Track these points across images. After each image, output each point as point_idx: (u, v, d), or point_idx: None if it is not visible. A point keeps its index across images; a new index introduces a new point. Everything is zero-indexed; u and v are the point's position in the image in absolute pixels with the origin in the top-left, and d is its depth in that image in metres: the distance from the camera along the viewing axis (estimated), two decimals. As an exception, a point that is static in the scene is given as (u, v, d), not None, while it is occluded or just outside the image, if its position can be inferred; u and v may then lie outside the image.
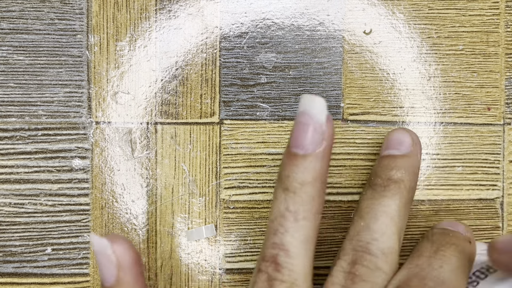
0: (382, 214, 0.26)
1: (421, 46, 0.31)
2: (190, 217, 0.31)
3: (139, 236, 0.31)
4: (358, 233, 0.26)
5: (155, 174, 0.31)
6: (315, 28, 0.31)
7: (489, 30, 0.31)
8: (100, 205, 0.31)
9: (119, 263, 0.24)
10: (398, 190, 0.27)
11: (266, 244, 0.25)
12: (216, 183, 0.31)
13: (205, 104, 0.31)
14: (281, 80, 0.31)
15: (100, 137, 0.31)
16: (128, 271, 0.24)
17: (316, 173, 0.25)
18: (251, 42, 0.31)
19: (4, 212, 0.31)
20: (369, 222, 0.26)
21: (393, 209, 0.26)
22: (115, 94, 0.31)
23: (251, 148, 0.31)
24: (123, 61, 0.31)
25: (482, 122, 0.31)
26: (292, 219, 0.25)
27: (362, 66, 0.31)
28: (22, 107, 0.31)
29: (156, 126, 0.31)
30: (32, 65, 0.31)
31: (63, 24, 0.31)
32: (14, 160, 0.31)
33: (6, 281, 0.31)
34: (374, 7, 0.31)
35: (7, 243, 0.31)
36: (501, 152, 0.31)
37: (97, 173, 0.31)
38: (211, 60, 0.31)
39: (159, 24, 0.31)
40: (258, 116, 0.31)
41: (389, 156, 0.28)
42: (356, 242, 0.26)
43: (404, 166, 0.27)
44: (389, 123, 0.31)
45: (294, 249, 0.25)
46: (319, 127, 0.24)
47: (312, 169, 0.24)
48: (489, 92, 0.31)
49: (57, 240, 0.31)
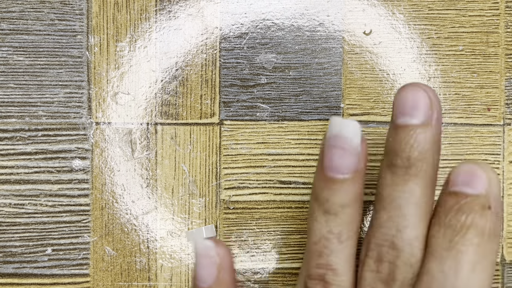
0: (406, 203, 0.24)
1: (421, 47, 0.31)
2: (190, 218, 0.31)
3: (139, 236, 0.31)
4: (382, 225, 0.25)
5: (155, 174, 0.31)
6: (315, 29, 0.31)
7: (489, 31, 0.31)
8: (100, 206, 0.31)
9: (220, 264, 0.25)
10: (421, 171, 0.24)
11: (310, 264, 0.26)
12: (216, 184, 0.31)
13: (205, 104, 0.31)
14: (281, 81, 0.31)
15: (100, 138, 0.31)
16: (228, 272, 0.25)
17: (355, 194, 0.25)
18: (251, 43, 0.31)
19: (4, 212, 0.31)
20: (392, 214, 0.24)
21: (417, 194, 0.24)
22: (115, 95, 0.31)
23: (251, 149, 0.31)
24: (123, 62, 0.31)
25: (482, 123, 0.31)
26: (336, 241, 0.25)
27: (362, 66, 0.31)
28: (22, 108, 0.31)
29: (156, 127, 0.31)
30: (32, 66, 0.31)
31: (63, 24, 0.31)
32: (14, 161, 0.31)
33: (6, 282, 0.31)
34: (374, 7, 0.31)
35: (7, 243, 0.31)
36: (501, 153, 0.31)
37: (97, 174, 0.31)
38: (211, 60, 0.31)
39: (159, 24, 0.31)
40: (258, 117, 0.31)
41: (406, 126, 0.24)
42: (380, 235, 0.25)
43: (426, 138, 0.24)
44: (389, 123, 0.31)
45: (341, 267, 0.25)
46: (354, 150, 0.24)
47: (351, 191, 0.25)
48: (489, 93, 0.31)
49: (57, 241, 0.31)
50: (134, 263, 0.31)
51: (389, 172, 0.25)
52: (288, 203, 0.31)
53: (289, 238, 0.31)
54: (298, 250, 0.31)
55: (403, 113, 0.24)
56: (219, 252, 0.25)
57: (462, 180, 0.24)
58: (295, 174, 0.31)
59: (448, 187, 0.24)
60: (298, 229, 0.31)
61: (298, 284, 0.27)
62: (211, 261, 0.25)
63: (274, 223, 0.31)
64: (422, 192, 0.24)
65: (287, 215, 0.31)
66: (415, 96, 0.24)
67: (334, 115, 0.29)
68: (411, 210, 0.24)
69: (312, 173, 0.31)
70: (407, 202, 0.24)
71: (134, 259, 0.31)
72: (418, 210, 0.24)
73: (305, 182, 0.31)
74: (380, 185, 0.25)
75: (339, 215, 0.25)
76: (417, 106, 0.24)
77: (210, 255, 0.25)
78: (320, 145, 0.27)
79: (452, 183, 0.24)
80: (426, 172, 0.24)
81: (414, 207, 0.24)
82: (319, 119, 0.31)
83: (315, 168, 0.31)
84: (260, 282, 0.31)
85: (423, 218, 0.24)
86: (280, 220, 0.31)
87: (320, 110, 0.31)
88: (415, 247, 0.24)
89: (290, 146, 0.31)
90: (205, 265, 0.25)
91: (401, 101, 0.24)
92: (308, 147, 0.31)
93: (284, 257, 0.31)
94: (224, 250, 0.25)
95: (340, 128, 0.24)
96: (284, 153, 0.31)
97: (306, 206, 0.31)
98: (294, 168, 0.31)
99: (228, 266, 0.25)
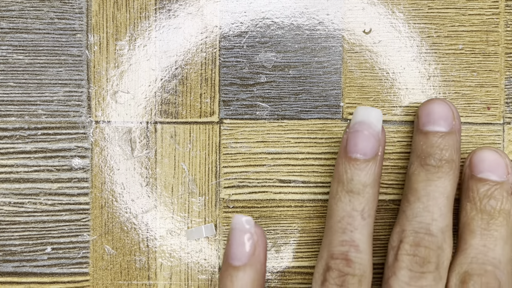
0: (440, 195, 0.28)
1: (420, 46, 0.31)
2: (190, 216, 0.31)
3: (138, 235, 0.31)
4: (417, 214, 0.28)
5: (155, 173, 0.31)
6: (315, 28, 0.31)
7: (489, 30, 0.31)
8: (100, 204, 0.31)
9: (257, 242, 0.27)
10: (451, 170, 0.28)
11: (332, 243, 0.28)
12: (215, 182, 0.31)
13: (204, 103, 0.31)
14: (280, 80, 0.31)
15: (99, 136, 0.31)
16: (263, 250, 0.27)
17: (375, 175, 0.28)
18: (251, 42, 0.31)
19: (3, 211, 0.31)
20: (428, 205, 0.28)
21: (449, 189, 0.28)
22: (114, 94, 0.31)
23: (250, 147, 0.31)
24: (122, 60, 0.31)
25: (482, 122, 0.31)
26: (359, 218, 0.28)
27: (361, 65, 0.31)
28: (21, 107, 0.31)
29: (156, 126, 0.31)
30: (31, 64, 0.31)
31: (63, 23, 0.31)
32: (13, 160, 0.31)
33: (6, 280, 0.31)
34: (374, 6, 0.31)
35: (6, 242, 0.31)
36: (500, 152, 0.31)
37: (97, 173, 0.31)
38: (211, 59, 0.31)
39: (158, 23, 0.31)
40: (257, 115, 0.31)
41: (437, 133, 0.28)
42: (416, 223, 0.28)
43: (453, 144, 0.28)
44: (388, 122, 0.31)
45: (363, 244, 0.28)
46: (376, 135, 0.28)
47: (373, 172, 0.28)
48: (489, 92, 0.31)
49: (57, 240, 0.31)
50: (134, 262, 0.31)
51: (423, 170, 0.28)
52: (288, 202, 0.31)
53: (288, 237, 0.31)
54: (298, 249, 0.31)
55: (433, 122, 0.29)
56: (256, 230, 0.27)
57: (488, 166, 0.29)
58: (294, 173, 0.31)
59: (473, 172, 0.29)
60: (298, 227, 0.31)
61: (318, 268, 0.28)
62: (248, 237, 0.26)
63: (273, 221, 0.31)
64: (452, 188, 0.28)
65: (286, 214, 0.31)
66: (441, 108, 0.29)
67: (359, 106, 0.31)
68: (444, 201, 0.28)
69: (311, 172, 0.31)
70: (440, 195, 0.28)
71: (133, 258, 0.31)
72: (449, 202, 0.28)
73: (304, 181, 0.31)
74: (415, 181, 0.28)
75: (361, 193, 0.28)
76: (445, 117, 0.29)
77: (248, 231, 0.26)
78: (343, 133, 0.29)
79: (477, 169, 0.29)
80: (454, 172, 0.28)
81: (446, 199, 0.28)
82: (319, 118, 0.31)
83: (315, 167, 0.31)
84: (259, 281, 0.31)
85: (451, 209, 0.28)
86: (279, 218, 0.31)
87: (320, 109, 0.31)
88: (446, 234, 0.28)
89: (290, 144, 0.31)
90: (241, 242, 0.26)
91: (430, 112, 0.29)
92: (308, 146, 0.31)
93: (284, 255, 0.31)
94: (260, 229, 0.27)
95: (364, 115, 0.28)
96: (284, 151, 0.31)
97: (306, 205, 0.31)
98: (294, 167, 0.31)
99: (264, 246, 0.27)
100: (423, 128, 0.29)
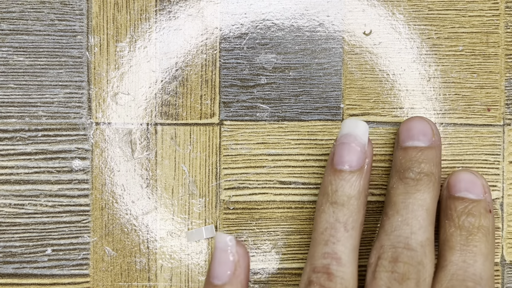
0: (419, 208, 0.27)
1: (421, 47, 0.31)
2: (190, 218, 0.31)
3: (138, 236, 0.31)
4: (396, 228, 0.27)
5: (155, 175, 0.31)
6: (315, 29, 0.31)
7: (489, 31, 0.31)
8: (100, 206, 0.31)
9: (238, 262, 0.26)
10: (430, 182, 0.28)
11: (315, 255, 0.27)
12: (216, 184, 0.31)
13: (205, 105, 0.31)
14: (281, 81, 0.31)
15: (100, 138, 0.31)
16: (244, 273, 0.26)
17: (361, 187, 0.28)
18: (251, 43, 0.31)
19: (4, 213, 0.31)
20: (406, 217, 0.27)
21: (428, 202, 0.28)
22: (115, 95, 0.31)
23: (251, 149, 0.31)
24: (123, 62, 0.31)
25: (482, 123, 0.31)
26: (342, 230, 0.27)
27: (362, 67, 0.31)
28: (22, 108, 0.31)
29: (156, 127, 0.31)
30: (32, 66, 0.31)
31: (63, 25, 0.31)
32: (14, 161, 0.31)
33: (6, 282, 0.31)
34: (374, 8, 0.31)
35: (7, 244, 0.31)
36: (501, 153, 0.31)
37: (97, 174, 0.31)
38: (211, 61, 0.31)
39: (159, 25, 0.31)
40: (258, 117, 0.31)
41: (416, 148, 0.29)
42: (394, 238, 0.27)
43: (432, 158, 0.28)
44: (389, 124, 0.31)
45: (346, 257, 0.27)
46: (363, 147, 0.28)
47: (358, 184, 0.27)
48: (489, 93, 0.31)
49: (57, 241, 0.31)
50: (134, 264, 0.31)
51: (401, 183, 0.28)
52: (288, 203, 0.31)
53: (289, 239, 0.31)
54: (298, 251, 0.31)
55: (412, 137, 0.29)
56: (238, 250, 0.26)
57: (465, 186, 0.29)
58: (295, 175, 0.31)
59: (451, 192, 0.29)
60: (298, 229, 0.31)
61: (301, 282, 0.27)
62: (229, 258, 0.26)
63: (274, 223, 0.31)
64: (431, 201, 0.28)
65: (287, 216, 0.31)
66: (421, 124, 0.29)
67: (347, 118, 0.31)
68: (424, 214, 0.27)
69: (312, 173, 0.31)
70: (419, 207, 0.27)
71: (134, 260, 0.31)
72: (428, 215, 0.28)
73: (305, 182, 0.31)
74: (394, 194, 0.28)
75: (346, 205, 0.27)
76: (424, 132, 0.29)
77: (229, 251, 0.26)
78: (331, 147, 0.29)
79: (455, 189, 0.29)
80: (434, 185, 0.28)
81: (425, 212, 0.27)
82: (319, 120, 0.31)
83: (316, 168, 0.31)
84: (260, 283, 0.31)
85: (431, 222, 0.28)
86: (280, 220, 0.31)
87: (320, 110, 0.31)
88: (427, 248, 0.27)
89: (290, 146, 0.31)
90: (222, 261, 0.26)
91: (409, 128, 0.29)
92: (308, 148, 0.31)
93: (284, 257, 0.31)
94: (243, 249, 0.26)
95: (350, 128, 0.28)
96: (284, 153, 0.31)
97: (306, 207, 0.31)
98: (294, 168, 0.31)
99: (245, 266, 0.26)
100: (403, 144, 0.29)
